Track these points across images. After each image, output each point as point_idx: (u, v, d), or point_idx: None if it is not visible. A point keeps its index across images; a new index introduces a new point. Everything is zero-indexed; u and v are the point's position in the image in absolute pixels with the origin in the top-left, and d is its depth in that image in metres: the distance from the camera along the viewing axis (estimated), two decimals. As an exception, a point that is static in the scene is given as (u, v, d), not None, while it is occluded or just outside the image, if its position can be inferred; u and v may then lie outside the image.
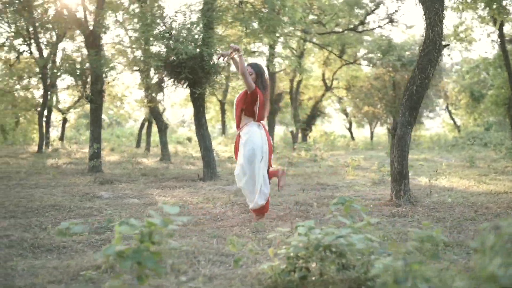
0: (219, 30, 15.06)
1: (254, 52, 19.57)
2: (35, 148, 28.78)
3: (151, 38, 13.38)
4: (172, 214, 3.80)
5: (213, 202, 9.83)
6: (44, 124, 29.80)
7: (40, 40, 26.20)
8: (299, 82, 32.46)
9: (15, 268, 5.25)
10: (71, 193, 11.01)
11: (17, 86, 32.11)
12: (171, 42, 12.98)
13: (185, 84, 13.64)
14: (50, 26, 23.62)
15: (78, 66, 17.55)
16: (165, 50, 13.29)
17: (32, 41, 26.03)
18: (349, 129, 45.19)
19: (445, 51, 24.74)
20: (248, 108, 8.08)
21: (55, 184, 12.81)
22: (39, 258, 5.73)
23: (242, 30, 15.42)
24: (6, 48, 28.44)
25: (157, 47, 13.56)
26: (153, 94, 21.14)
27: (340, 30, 26.27)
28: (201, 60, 13.04)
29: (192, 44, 12.95)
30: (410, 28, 28.46)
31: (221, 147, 31.12)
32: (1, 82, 33.26)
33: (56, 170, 16.38)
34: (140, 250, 3.72)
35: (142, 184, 12.96)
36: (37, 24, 22.90)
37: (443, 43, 9.43)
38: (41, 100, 28.68)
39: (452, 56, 64.92)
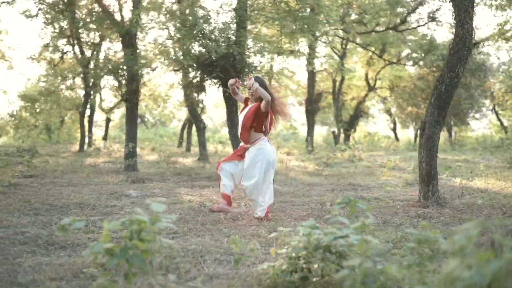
0: (253, 28, 14.98)
1: (292, 51, 19.39)
2: (77, 147, 29.11)
3: (187, 38, 13.37)
4: (159, 211, 3.73)
5: (238, 201, 9.78)
6: (87, 123, 30.19)
7: (83, 40, 26.50)
8: (341, 82, 32.19)
9: (22, 264, 5.26)
10: (99, 192, 11.07)
11: (62, 86, 32.55)
12: (203, 41, 12.96)
13: (218, 84, 13.60)
14: (93, 27, 23.86)
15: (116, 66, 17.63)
16: (198, 49, 13.26)
17: (76, 41, 26.36)
18: (394, 130, 44.68)
19: (490, 50, 24.34)
20: (259, 124, 8.09)
21: (86, 182, 12.91)
22: (50, 255, 5.73)
23: (278, 30, 15.31)
24: (50, 49, 28.88)
25: (189, 46, 13.53)
26: (191, 94, 21.17)
27: (381, 29, 25.96)
28: (233, 59, 12.99)
29: (223, 43, 12.90)
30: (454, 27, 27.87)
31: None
32: (46, 82, 33.81)
33: (92, 169, 16.52)
34: (128, 248, 3.67)
35: (172, 183, 12.98)
36: (79, 25, 23.13)
37: (473, 41, 9.21)
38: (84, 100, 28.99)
39: (499, 56, 63.57)
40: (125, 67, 16.34)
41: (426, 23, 24.09)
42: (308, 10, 15.46)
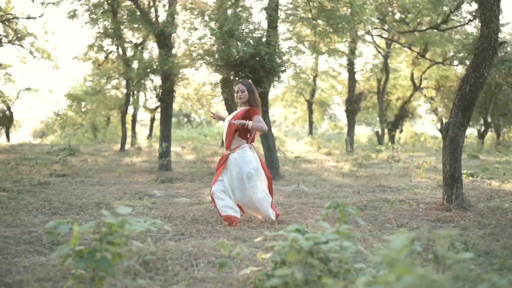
0: (290, 28, 14.88)
1: (332, 50, 19.20)
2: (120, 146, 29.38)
3: (218, 38, 13.34)
4: (124, 214, 3.68)
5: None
6: (131, 122, 30.47)
7: (125, 40, 26.73)
8: (385, 81, 31.80)
9: (18, 264, 5.26)
10: (124, 191, 11.12)
11: (108, 86, 32.94)
12: (232, 40, 12.91)
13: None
14: (135, 26, 23.98)
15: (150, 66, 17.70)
16: (227, 48, 13.22)
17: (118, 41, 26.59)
18: (441, 130, 43.85)
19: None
20: (244, 130, 7.88)
21: (115, 182, 12.99)
22: (51, 255, 5.72)
23: (311, 29, 15.17)
24: (95, 49, 29.23)
25: (217, 46, 13.49)
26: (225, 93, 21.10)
27: (423, 28, 25.52)
28: (261, 59, 12.91)
29: (251, 43, 12.83)
30: (502, 26, 27.29)
31: (306, 147, 30.89)
32: (92, 82, 34.26)
33: (126, 168, 16.64)
34: (95, 251, 3.62)
35: (201, 184, 12.97)
36: (120, 25, 23.31)
37: (500, 40, 8.94)
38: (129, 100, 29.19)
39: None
40: (154, 67, 16.40)
41: (467, 22, 23.57)
42: (345, 9, 15.29)
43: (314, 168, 17.70)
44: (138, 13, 16.71)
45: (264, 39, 13.19)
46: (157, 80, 17.42)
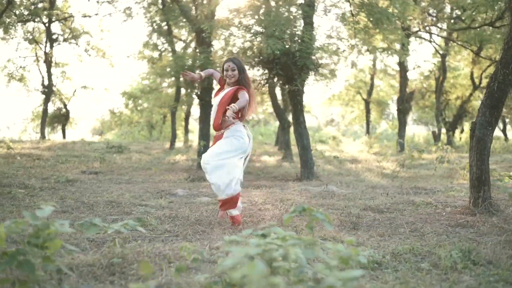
0: (322, 24, 14.52)
1: (383, 49, 18.72)
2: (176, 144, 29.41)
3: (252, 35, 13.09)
4: (42, 216, 3.45)
5: (281, 203, 9.38)
6: (184, 120, 30.50)
7: (176, 37, 26.76)
8: (443, 80, 30.99)
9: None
10: (147, 190, 10.98)
11: (164, 84, 33.06)
12: (262, 37, 12.64)
13: (279, 81, 13.26)
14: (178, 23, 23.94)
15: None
16: (257, 46, 12.96)
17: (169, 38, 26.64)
18: (503, 131, 42.67)
19: None
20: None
21: (144, 180, 12.89)
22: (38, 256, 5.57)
23: (352, 25, 14.75)
24: (150, 47, 29.38)
25: (249, 43, 13.24)
26: (273, 92, 20.88)
27: (477, 25, 24.68)
28: (293, 56, 12.61)
29: (287, 40, 12.54)
30: None
31: (362, 147, 30.37)
32: (148, 80, 34.49)
33: (166, 167, 16.56)
34: (19, 253, 3.40)
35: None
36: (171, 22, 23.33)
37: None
38: (184, 98, 29.11)
39: None
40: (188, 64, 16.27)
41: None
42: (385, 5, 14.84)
43: (357, 168, 17.28)
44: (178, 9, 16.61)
45: (297, 36, 12.87)
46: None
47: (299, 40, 12.77)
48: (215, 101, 7.56)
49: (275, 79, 13.25)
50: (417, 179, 13.99)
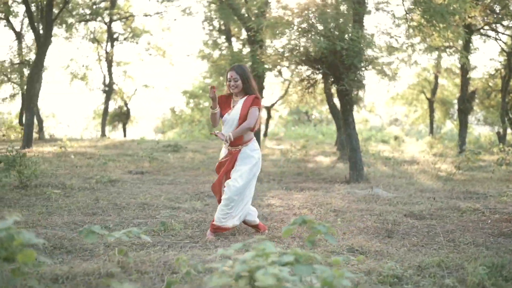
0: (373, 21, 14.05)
1: (443, 48, 18.14)
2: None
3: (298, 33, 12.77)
4: (3, 227, 3.23)
5: (319, 207, 9.05)
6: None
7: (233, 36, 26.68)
8: (508, 79, 29.89)
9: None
10: (185, 191, 10.80)
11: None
12: (309, 35, 12.30)
13: (327, 80, 12.91)
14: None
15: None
16: (304, 44, 12.64)
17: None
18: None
19: None
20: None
21: (187, 181, 12.72)
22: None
23: (406, 23, 14.24)
24: (209, 45, 29.40)
25: (296, 41, 12.90)
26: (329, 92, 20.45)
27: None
28: (341, 55, 12.23)
29: (328, 38, 12.18)
30: None
31: (424, 147, 29.60)
32: (208, 78, 34.49)
33: (214, 167, 16.32)
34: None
35: (275, 184, 12.47)
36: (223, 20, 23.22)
37: None
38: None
39: None
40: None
41: None
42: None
43: (412, 170, 16.73)
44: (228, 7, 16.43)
45: (346, 34, 12.47)
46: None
47: (348, 38, 12.37)
48: (232, 116, 6.94)
49: (323, 79, 12.89)
50: (472, 183, 13.40)
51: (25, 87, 21.86)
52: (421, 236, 7.04)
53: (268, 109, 35.32)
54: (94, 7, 30.97)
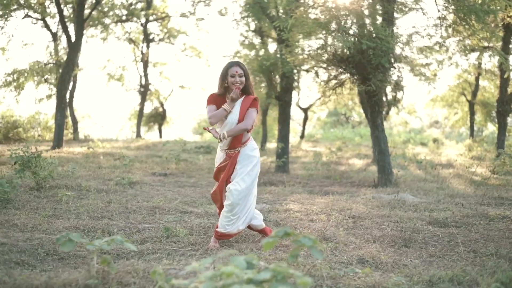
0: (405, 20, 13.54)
1: (481, 49, 17.55)
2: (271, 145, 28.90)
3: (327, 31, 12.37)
4: None
5: (338, 213, 8.64)
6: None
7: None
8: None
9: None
10: (203, 195, 10.51)
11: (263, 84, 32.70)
12: (336, 34, 11.90)
13: (353, 81, 12.50)
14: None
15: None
16: (330, 43, 12.25)
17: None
18: None
19: None
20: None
21: (209, 183, 12.44)
22: (35, 267, 5.17)
23: (439, 22, 13.72)
24: (246, 46, 29.12)
25: (322, 40, 12.51)
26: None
27: None
28: (368, 55, 11.80)
29: (354, 36, 11.78)
30: None
31: (463, 150, 28.92)
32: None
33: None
34: None
35: (298, 188, 12.09)
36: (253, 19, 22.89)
37: None
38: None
39: None
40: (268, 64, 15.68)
41: None
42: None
43: (446, 174, 16.19)
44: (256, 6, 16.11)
45: (374, 33, 12.04)
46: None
47: (375, 37, 11.93)
48: (231, 119, 6.44)
49: (349, 78, 12.49)
50: (507, 188, 12.83)
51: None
52: (441, 245, 6.61)
53: (305, 110, 34.91)
54: (131, 7, 30.99)
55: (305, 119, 35.93)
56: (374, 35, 12.01)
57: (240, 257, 3.23)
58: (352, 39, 11.58)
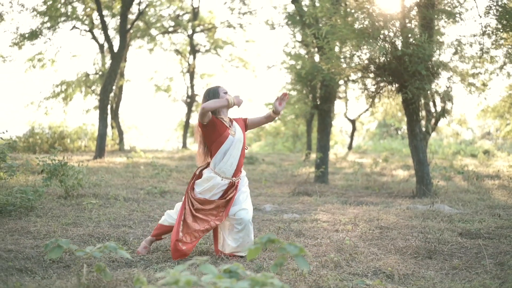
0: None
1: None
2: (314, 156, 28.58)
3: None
4: None
5: (366, 223, 8.37)
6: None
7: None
8: None
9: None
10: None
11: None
12: (372, 41, 11.63)
13: (390, 89, 12.20)
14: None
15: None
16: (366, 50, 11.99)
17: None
18: None
19: None
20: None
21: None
22: (37, 274, 5.07)
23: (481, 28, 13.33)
24: (293, 56, 28.92)
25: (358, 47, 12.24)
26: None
27: None
28: (404, 61, 11.50)
29: (388, 42, 11.51)
30: None
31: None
32: (293, 90, 33.99)
33: (280, 179, 15.86)
34: None
35: (333, 198, 11.83)
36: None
37: None
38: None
39: None
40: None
41: None
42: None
43: (490, 185, 15.67)
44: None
45: (412, 40, 11.74)
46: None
47: (413, 44, 11.62)
48: (238, 138, 6.17)
49: (387, 86, 12.20)
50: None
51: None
52: (467, 258, 6.30)
53: (353, 122, 34.55)
54: (178, 19, 31.17)
55: (353, 130, 35.53)
56: (411, 40, 11.72)
57: (209, 265, 3.05)
58: (387, 45, 11.31)
